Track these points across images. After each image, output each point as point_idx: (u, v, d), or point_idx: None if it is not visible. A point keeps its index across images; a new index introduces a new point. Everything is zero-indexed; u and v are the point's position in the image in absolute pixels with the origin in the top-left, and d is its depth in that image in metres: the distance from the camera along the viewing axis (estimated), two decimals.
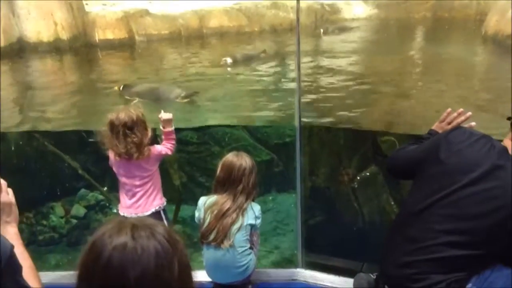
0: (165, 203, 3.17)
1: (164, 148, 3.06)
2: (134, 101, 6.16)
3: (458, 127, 2.18)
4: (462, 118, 2.29)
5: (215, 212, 2.70)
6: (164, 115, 3.06)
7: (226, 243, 2.68)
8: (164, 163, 3.66)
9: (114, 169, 3.03)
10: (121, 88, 6.38)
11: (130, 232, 1.01)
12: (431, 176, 2.03)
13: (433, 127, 2.37)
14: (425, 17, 11.56)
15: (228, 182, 2.73)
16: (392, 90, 6.25)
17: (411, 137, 3.54)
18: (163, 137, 3.12)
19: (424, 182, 2.06)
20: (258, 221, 2.81)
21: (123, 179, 3.03)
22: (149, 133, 2.95)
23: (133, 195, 3.03)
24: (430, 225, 1.97)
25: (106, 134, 2.88)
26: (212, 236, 2.70)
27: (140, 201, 3.03)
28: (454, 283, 1.90)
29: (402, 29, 11.31)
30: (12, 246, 1.18)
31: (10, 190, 1.49)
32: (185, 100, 6.06)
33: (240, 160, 2.74)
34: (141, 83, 6.65)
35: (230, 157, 2.77)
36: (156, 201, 3.08)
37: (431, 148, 2.09)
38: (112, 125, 2.83)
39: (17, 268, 1.17)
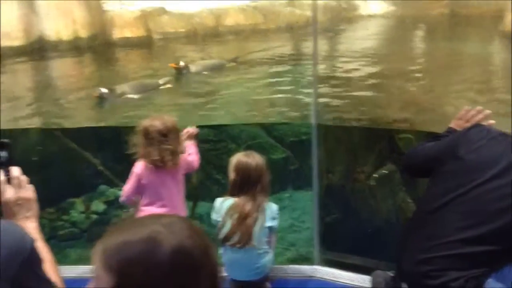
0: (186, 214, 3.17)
1: (192, 159, 3.03)
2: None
3: (476, 125, 2.18)
4: (480, 116, 2.29)
5: (236, 216, 2.66)
6: (192, 129, 3.10)
7: (249, 244, 2.67)
8: None
9: (144, 179, 2.92)
10: (101, 94, 6.13)
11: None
12: (449, 173, 2.03)
13: (451, 125, 2.37)
14: (442, 14, 11.42)
15: (247, 184, 2.67)
16: (409, 87, 6.22)
17: (429, 134, 3.54)
18: (187, 150, 3.08)
19: (441, 179, 2.06)
20: (276, 222, 2.80)
21: (154, 189, 2.94)
22: (183, 142, 2.94)
23: (163, 204, 2.95)
24: (448, 221, 1.98)
25: (139, 141, 2.84)
26: (235, 239, 2.67)
27: (170, 211, 2.93)
28: (472, 279, 1.91)
29: (418, 26, 11.21)
30: (33, 240, 1.22)
31: (31, 186, 1.51)
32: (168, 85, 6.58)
33: (254, 159, 2.70)
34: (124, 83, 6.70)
35: (243, 158, 2.71)
36: (182, 213, 3.04)
37: (449, 145, 2.10)
38: (147, 133, 2.79)
39: (38, 261, 1.20)
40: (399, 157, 4.14)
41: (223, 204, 2.73)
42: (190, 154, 3.05)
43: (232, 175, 2.72)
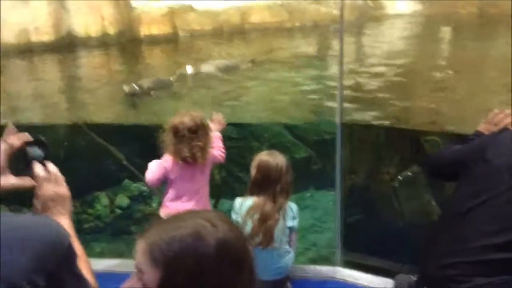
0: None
1: (218, 154, 3.05)
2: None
3: (505, 129, 2.13)
4: (509, 119, 2.23)
5: (256, 216, 2.66)
6: (217, 115, 3.14)
7: (271, 245, 2.67)
8: None
9: (172, 174, 2.97)
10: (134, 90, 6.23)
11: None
12: (477, 177, 1.99)
13: (479, 128, 2.32)
14: (471, 13, 11.19)
15: (266, 183, 2.68)
16: (436, 88, 6.12)
17: (456, 136, 3.47)
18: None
19: (469, 182, 2.02)
20: (296, 221, 2.79)
21: (182, 184, 2.99)
22: (212, 137, 2.95)
23: (190, 199, 3.00)
24: (476, 226, 1.94)
25: (168, 139, 2.87)
26: (257, 240, 2.67)
27: (198, 206, 3.01)
28: (500, 286, 1.87)
29: (446, 25, 11.01)
30: (70, 236, 1.24)
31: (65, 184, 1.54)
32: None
33: (276, 159, 2.69)
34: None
35: (265, 157, 2.71)
36: (209, 207, 3.10)
37: (477, 149, 2.05)
38: (176, 130, 2.83)
39: (74, 257, 1.22)
40: (424, 158, 4.08)
41: (243, 205, 2.73)
42: (217, 147, 3.06)
43: (253, 172, 2.73)
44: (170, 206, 3.04)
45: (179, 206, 3.00)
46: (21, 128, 1.34)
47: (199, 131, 2.84)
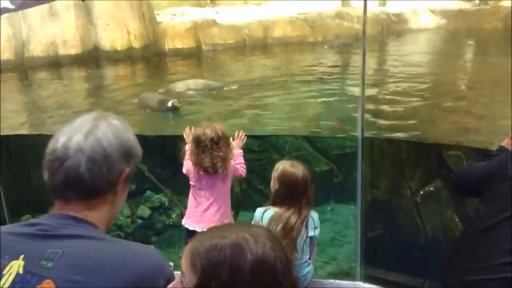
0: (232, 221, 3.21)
1: (240, 168, 3.11)
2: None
3: None
4: None
5: (279, 227, 2.59)
6: (239, 133, 3.20)
7: (293, 256, 2.61)
8: None
9: (193, 182, 3.05)
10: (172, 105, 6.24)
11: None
12: (500, 193, 1.97)
13: (503, 144, 2.29)
14: (496, 29, 11.05)
15: (291, 196, 2.61)
16: (460, 104, 6.05)
17: (479, 151, 3.43)
18: (234, 158, 3.14)
19: (492, 199, 2.00)
20: (317, 230, 2.73)
21: (202, 193, 3.05)
22: (233, 150, 3.02)
23: (208, 208, 3.05)
24: (499, 243, 1.91)
25: (191, 149, 2.97)
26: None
27: (216, 216, 3.04)
28: None
29: (470, 40, 10.90)
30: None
31: None
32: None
33: (300, 170, 2.63)
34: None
35: (290, 168, 2.64)
36: (227, 219, 3.09)
37: (500, 165, 2.03)
38: (199, 140, 2.91)
39: None
40: (447, 174, 4.03)
41: (264, 215, 2.68)
42: (239, 163, 3.13)
43: (276, 184, 2.67)
44: (191, 216, 3.10)
45: (198, 216, 3.05)
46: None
47: (220, 141, 2.90)
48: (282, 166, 2.68)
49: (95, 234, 1.22)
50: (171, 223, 5.27)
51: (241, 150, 3.19)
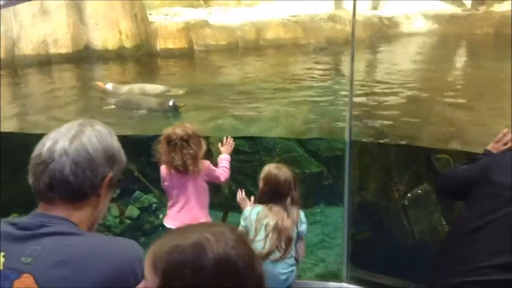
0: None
1: (218, 171, 3.16)
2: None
3: (511, 149, 2.14)
4: None
5: (270, 223, 2.70)
6: (228, 139, 3.28)
7: (288, 253, 2.73)
8: None
9: (166, 183, 3.14)
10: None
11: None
12: (484, 197, 1.99)
13: (488, 147, 2.33)
14: (487, 34, 11.15)
15: (276, 196, 2.75)
16: (448, 107, 6.10)
17: (466, 155, 3.46)
18: (219, 163, 3.23)
19: (476, 202, 2.03)
20: (304, 226, 2.83)
21: (175, 192, 3.14)
22: (204, 147, 3.08)
23: (182, 207, 3.13)
24: (483, 246, 1.94)
25: (162, 149, 3.03)
26: (278, 254, 2.71)
27: (189, 215, 3.10)
28: None
29: (461, 45, 10.99)
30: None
31: None
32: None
33: (283, 173, 2.77)
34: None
35: (273, 170, 2.79)
36: (202, 219, 3.13)
37: (483, 168, 2.06)
38: (169, 139, 2.99)
39: None
40: (435, 177, 4.06)
41: (252, 211, 2.80)
42: (221, 167, 3.18)
43: (261, 184, 2.82)
44: (169, 216, 3.20)
45: (174, 214, 3.14)
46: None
47: (190, 140, 2.97)
48: (268, 168, 2.82)
49: (75, 230, 1.25)
50: (160, 223, 5.26)
51: (228, 156, 3.22)
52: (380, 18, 11.74)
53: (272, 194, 2.75)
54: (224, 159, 3.22)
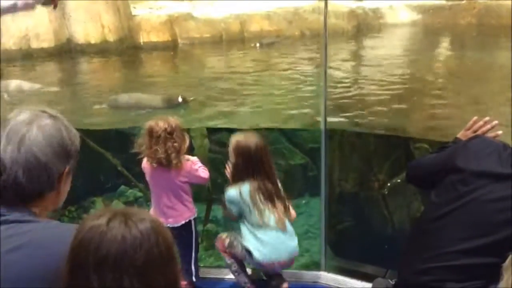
0: (195, 214, 3.16)
1: (201, 170, 3.03)
2: None
3: (476, 136, 2.17)
4: (488, 126, 2.27)
5: (262, 198, 2.66)
6: None
7: (291, 216, 2.81)
8: None
9: (148, 178, 3.03)
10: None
11: (106, 218, 1.07)
12: (450, 183, 2.03)
13: (458, 135, 2.35)
14: (470, 24, 11.24)
15: (249, 165, 2.66)
16: (429, 96, 6.16)
17: (445, 144, 3.50)
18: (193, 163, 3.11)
19: (443, 189, 2.06)
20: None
21: (156, 189, 3.03)
22: (187, 141, 2.97)
23: (164, 205, 3.01)
24: (448, 232, 1.98)
25: (144, 141, 2.91)
26: (272, 222, 2.71)
27: (171, 212, 3.01)
28: None
29: (445, 35, 11.07)
30: None
31: None
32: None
33: (252, 140, 2.69)
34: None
35: (242, 139, 2.71)
36: (186, 213, 3.06)
37: (449, 156, 2.09)
38: (152, 131, 2.86)
39: None
40: None
41: (241, 192, 2.70)
42: (199, 166, 3.07)
43: (233, 158, 2.72)
44: (152, 211, 3.08)
45: (158, 212, 3.02)
46: None
47: (174, 132, 2.87)
48: (235, 138, 2.75)
49: (31, 218, 1.26)
50: None
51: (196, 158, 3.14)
52: (364, 9, 11.77)
53: (247, 164, 2.65)
54: (195, 161, 3.09)
